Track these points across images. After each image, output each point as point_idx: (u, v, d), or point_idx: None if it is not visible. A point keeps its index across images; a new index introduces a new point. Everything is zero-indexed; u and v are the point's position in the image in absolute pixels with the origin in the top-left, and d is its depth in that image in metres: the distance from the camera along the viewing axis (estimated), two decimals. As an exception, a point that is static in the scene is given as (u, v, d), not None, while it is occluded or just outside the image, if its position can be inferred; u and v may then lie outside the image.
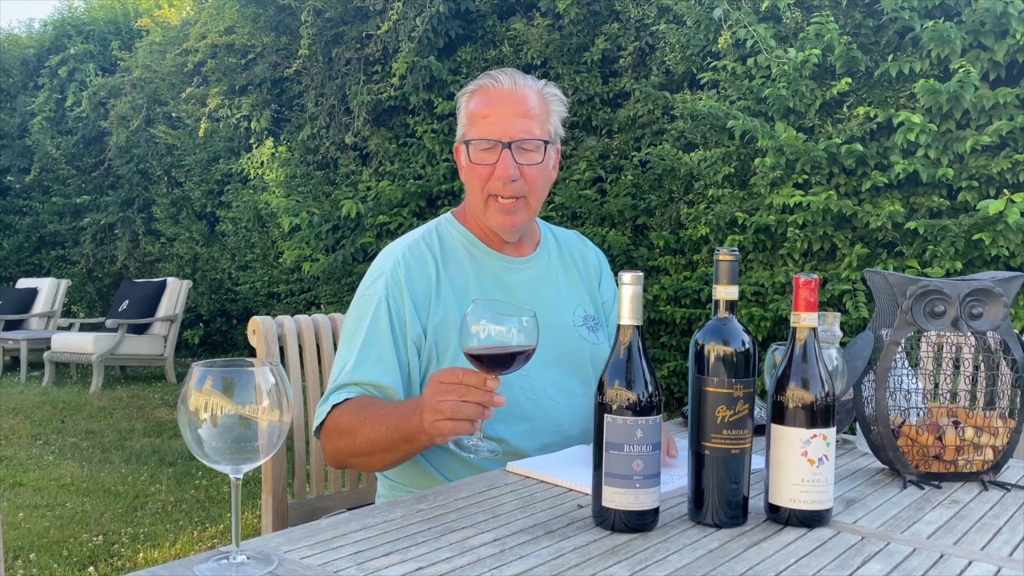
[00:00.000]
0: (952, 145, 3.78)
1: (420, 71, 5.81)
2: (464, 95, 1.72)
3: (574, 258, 1.86)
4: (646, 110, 5.02)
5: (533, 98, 1.67)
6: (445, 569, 1.00)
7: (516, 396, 1.59)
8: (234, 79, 7.47)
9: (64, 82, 10.13)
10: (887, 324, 1.45)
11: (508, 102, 1.65)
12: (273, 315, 1.97)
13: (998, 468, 1.41)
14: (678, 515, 1.21)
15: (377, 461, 1.54)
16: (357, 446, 1.50)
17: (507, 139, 1.63)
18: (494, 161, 1.63)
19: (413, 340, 1.61)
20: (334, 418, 1.55)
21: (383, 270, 1.67)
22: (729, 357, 1.16)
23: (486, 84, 1.68)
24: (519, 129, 1.63)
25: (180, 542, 3.72)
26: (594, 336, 1.77)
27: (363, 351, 1.59)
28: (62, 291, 9.16)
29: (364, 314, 1.63)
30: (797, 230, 4.14)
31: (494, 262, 1.73)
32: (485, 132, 1.64)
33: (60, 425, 6.13)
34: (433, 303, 1.64)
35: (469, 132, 1.68)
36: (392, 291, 1.63)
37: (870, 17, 4.10)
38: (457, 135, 1.75)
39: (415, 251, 1.69)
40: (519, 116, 1.64)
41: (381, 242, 6.13)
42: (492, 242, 1.74)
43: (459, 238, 1.75)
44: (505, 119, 1.63)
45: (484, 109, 1.66)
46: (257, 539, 1.09)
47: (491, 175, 1.64)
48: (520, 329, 1.27)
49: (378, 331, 1.60)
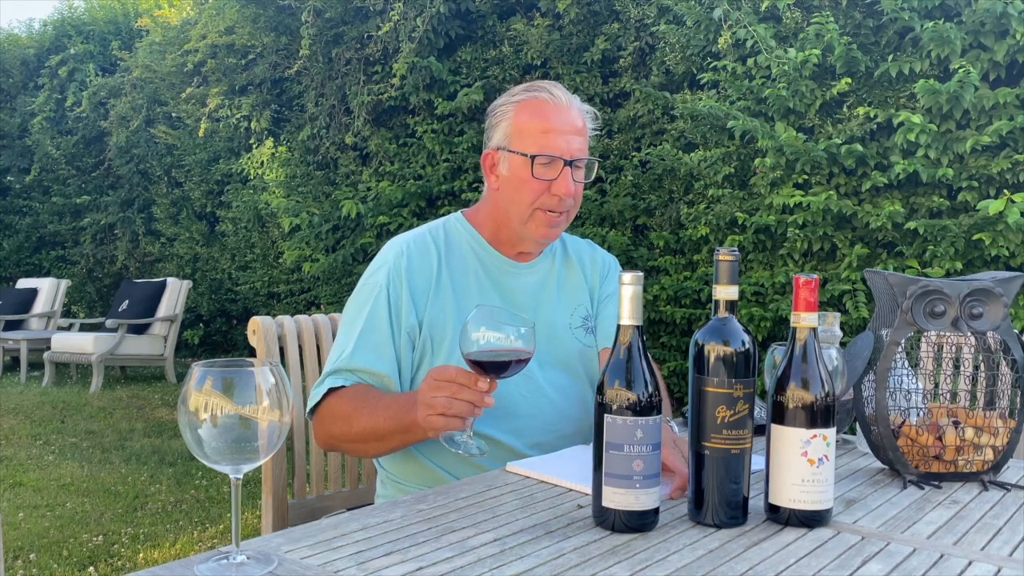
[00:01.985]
0: (952, 145, 3.78)
1: (420, 71, 5.81)
2: (511, 104, 1.68)
3: (581, 258, 1.86)
4: (646, 110, 5.02)
5: (579, 116, 1.69)
6: (445, 569, 1.00)
7: (512, 393, 1.61)
8: (234, 79, 7.47)
9: (64, 82, 10.13)
10: (887, 324, 1.45)
11: (567, 118, 1.66)
12: (273, 315, 1.97)
13: (998, 468, 1.41)
14: (678, 515, 1.21)
15: (371, 448, 1.59)
16: (352, 433, 1.54)
17: (569, 156, 1.64)
18: (553, 177, 1.63)
19: (407, 331, 1.63)
20: (330, 404, 1.59)
21: (386, 259, 1.69)
22: (729, 357, 1.16)
23: (543, 97, 1.66)
24: (576, 147, 1.65)
25: (180, 542, 3.72)
26: (589, 338, 1.79)
27: (361, 338, 1.61)
28: (62, 291, 9.16)
29: (365, 301, 1.65)
30: (797, 230, 4.14)
31: (498, 265, 1.75)
32: (550, 148, 1.63)
33: (60, 425, 6.13)
34: (432, 296, 1.66)
35: (524, 143, 1.65)
36: (393, 280, 1.65)
37: (870, 17, 4.10)
38: (495, 140, 1.70)
39: (419, 243, 1.71)
40: (576, 134, 1.66)
41: (381, 242, 6.12)
42: (501, 246, 1.75)
43: (466, 237, 1.76)
44: (567, 135, 1.64)
45: (545, 124, 1.64)
46: (257, 539, 1.09)
47: (546, 190, 1.64)
48: (518, 337, 1.32)
49: (377, 319, 1.63)
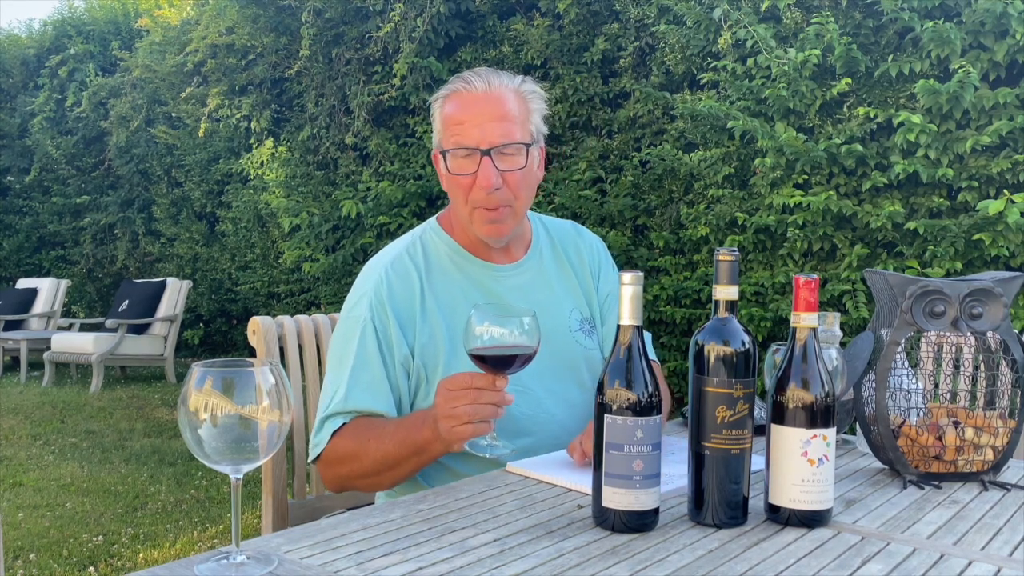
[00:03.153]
0: (952, 145, 3.78)
1: (420, 71, 5.81)
2: (437, 100, 1.62)
3: (568, 255, 1.78)
4: (646, 110, 5.02)
5: (510, 98, 1.57)
6: (445, 569, 1.00)
7: (512, 412, 1.49)
8: (234, 79, 7.47)
9: (64, 82, 10.12)
10: (887, 324, 1.45)
11: (484, 106, 1.55)
12: (273, 315, 1.96)
13: (998, 468, 1.41)
14: (678, 515, 1.21)
15: (386, 480, 1.52)
16: (363, 469, 1.48)
17: (485, 146, 1.53)
18: (474, 170, 1.54)
19: (400, 362, 1.56)
20: (332, 447, 1.51)
21: (365, 290, 1.61)
22: (729, 357, 1.16)
23: (458, 88, 1.58)
24: (497, 134, 1.54)
25: (180, 542, 3.72)
26: (589, 341, 1.72)
27: (353, 377, 1.53)
28: (62, 291, 9.16)
29: (350, 337, 1.57)
30: (797, 230, 4.14)
31: (481, 272, 1.66)
32: (462, 140, 1.54)
33: (60, 425, 6.13)
34: (419, 322, 1.58)
35: (445, 140, 1.58)
36: (376, 312, 1.57)
37: (870, 17, 4.10)
38: (433, 142, 1.65)
39: (398, 267, 1.62)
40: (496, 120, 1.54)
41: (381, 242, 6.13)
42: (478, 251, 1.67)
43: (444, 248, 1.67)
44: (482, 124, 1.53)
45: (459, 115, 1.56)
46: (257, 539, 1.09)
47: (473, 184, 1.55)
48: (522, 331, 1.30)
49: (366, 355, 1.55)
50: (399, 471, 1.48)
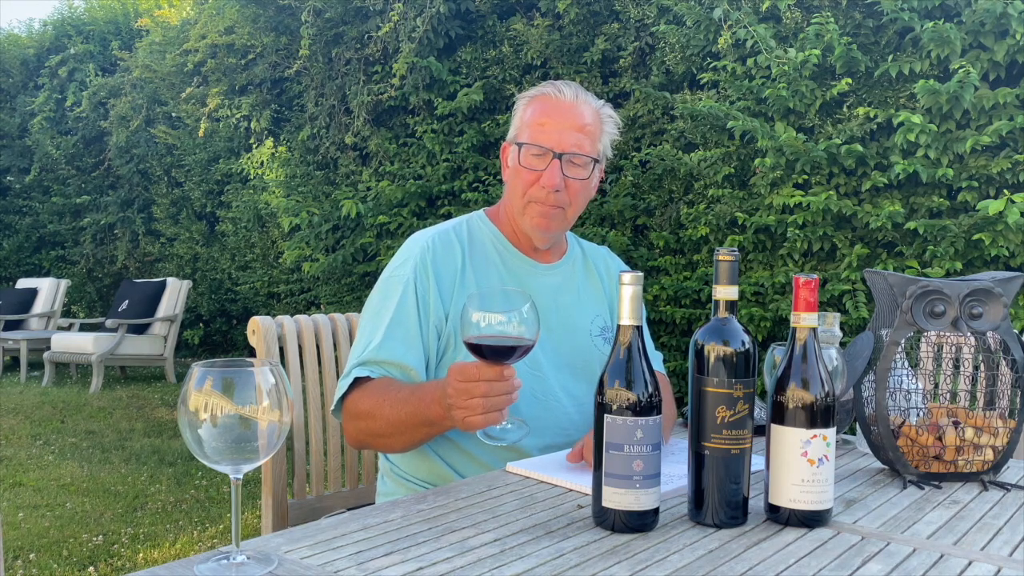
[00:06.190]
0: (952, 145, 3.78)
1: (420, 71, 5.81)
2: (524, 98, 1.75)
3: (599, 270, 1.88)
4: (646, 110, 5.02)
5: (589, 114, 1.71)
6: (445, 569, 1.00)
7: (524, 395, 1.57)
8: (234, 79, 7.47)
9: (64, 82, 10.12)
10: (887, 324, 1.45)
11: (567, 114, 1.68)
12: (273, 315, 1.97)
13: (998, 468, 1.41)
14: (678, 515, 1.21)
15: (397, 443, 1.59)
16: (378, 429, 1.55)
17: (559, 150, 1.66)
18: (542, 168, 1.67)
19: (435, 324, 1.64)
20: (354, 400, 1.59)
21: (411, 253, 1.70)
22: (729, 357, 1.16)
23: (548, 92, 1.71)
24: (571, 142, 1.67)
25: (180, 542, 3.72)
26: (607, 348, 1.79)
27: (390, 329, 1.61)
28: (62, 291, 9.16)
29: (391, 294, 1.66)
30: (797, 230, 4.14)
31: (520, 264, 1.77)
32: (539, 139, 1.67)
33: (60, 425, 6.13)
34: (457, 291, 1.67)
35: (523, 135, 1.71)
36: (419, 274, 1.66)
37: (870, 17, 4.10)
38: (508, 135, 1.78)
39: (443, 239, 1.73)
40: (574, 129, 1.68)
41: (381, 242, 6.13)
42: (521, 245, 1.78)
43: (488, 235, 1.78)
44: (561, 130, 1.67)
45: (542, 117, 1.69)
46: (257, 539, 1.09)
47: (536, 181, 1.67)
48: (521, 320, 1.28)
49: (405, 312, 1.63)
50: (409, 437, 1.55)
